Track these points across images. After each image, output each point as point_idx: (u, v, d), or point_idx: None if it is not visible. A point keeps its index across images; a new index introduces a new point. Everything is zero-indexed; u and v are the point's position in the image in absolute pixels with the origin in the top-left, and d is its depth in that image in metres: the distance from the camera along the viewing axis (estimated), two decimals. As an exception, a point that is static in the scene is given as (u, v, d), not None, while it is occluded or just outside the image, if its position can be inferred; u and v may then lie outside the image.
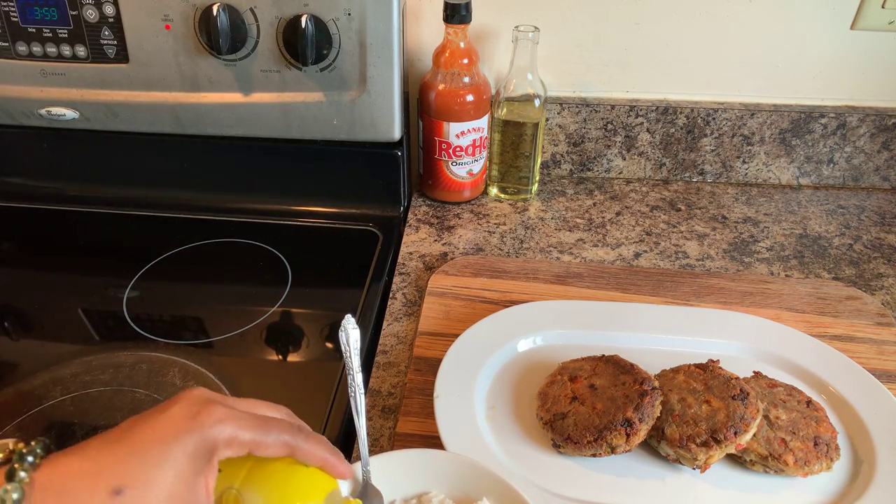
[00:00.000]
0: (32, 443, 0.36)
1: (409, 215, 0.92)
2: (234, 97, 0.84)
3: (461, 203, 0.95)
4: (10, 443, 0.37)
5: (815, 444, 0.56)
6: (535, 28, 0.83)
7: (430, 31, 0.91)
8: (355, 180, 0.90)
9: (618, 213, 0.94)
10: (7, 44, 0.82)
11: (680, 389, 0.59)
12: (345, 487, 0.47)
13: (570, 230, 0.90)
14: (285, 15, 0.77)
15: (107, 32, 0.80)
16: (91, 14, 0.79)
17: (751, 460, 0.56)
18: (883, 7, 0.88)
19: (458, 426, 0.59)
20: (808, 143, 0.97)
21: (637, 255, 0.86)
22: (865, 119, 0.94)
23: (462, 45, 0.84)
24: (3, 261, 0.86)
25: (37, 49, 0.82)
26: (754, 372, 0.64)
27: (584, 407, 0.59)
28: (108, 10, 0.79)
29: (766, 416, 0.58)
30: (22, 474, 0.34)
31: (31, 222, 0.91)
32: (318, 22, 0.77)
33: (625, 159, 1.00)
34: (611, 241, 0.88)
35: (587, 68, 0.95)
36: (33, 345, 0.73)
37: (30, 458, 0.35)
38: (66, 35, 0.81)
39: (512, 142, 0.91)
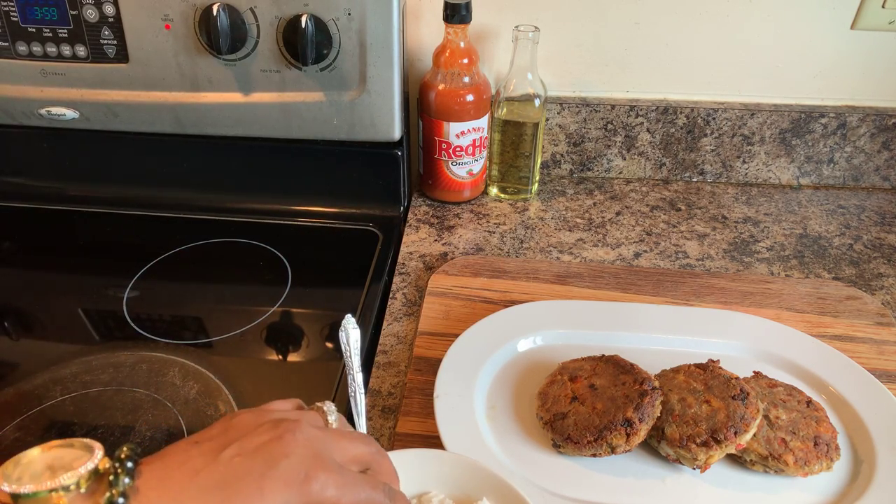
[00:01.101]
0: (119, 469, 0.33)
1: (409, 215, 0.92)
2: (234, 97, 0.84)
3: (461, 203, 0.95)
4: (97, 460, 0.34)
5: (815, 444, 0.56)
6: (535, 28, 0.83)
7: (430, 31, 0.91)
8: (355, 180, 0.90)
9: (618, 213, 0.94)
10: (7, 44, 0.82)
11: (680, 389, 0.59)
12: None
13: (570, 230, 0.90)
14: (285, 15, 0.77)
15: (107, 32, 0.80)
16: (91, 14, 0.79)
17: (751, 460, 0.56)
18: (883, 7, 0.88)
19: (458, 426, 0.59)
20: (809, 142, 0.97)
21: (637, 255, 0.86)
22: (865, 119, 0.94)
23: (462, 44, 0.84)
24: (3, 261, 0.86)
25: (37, 49, 0.82)
26: (754, 372, 0.64)
27: (584, 407, 0.59)
28: (108, 9, 0.79)
29: (766, 416, 0.58)
30: None
31: (31, 222, 0.91)
32: (318, 22, 0.77)
33: (625, 159, 1.00)
34: (611, 240, 0.88)
35: (587, 68, 0.95)
36: (33, 345, 0.73)
37: (121, 500, 0.33)
38: (66, 35, 0.81)
39: (512, 142, 0.91)
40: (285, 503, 0.36)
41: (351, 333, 0.50)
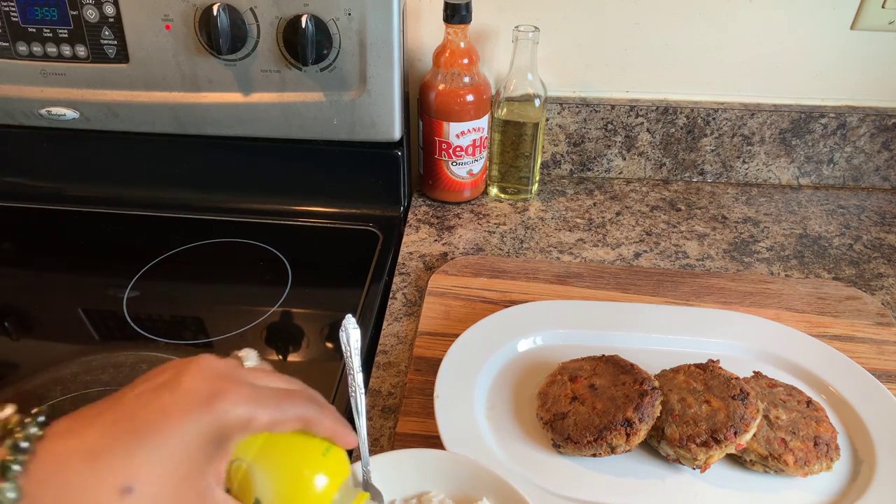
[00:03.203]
0: (27, 420, 0.34)
1: (409, 215, 0.92)
2: (234, 97, 0.84)
3: (461, 203, 0.95)
4: (7, 414, 0.34)
5: (815, 444, 0.56)
6: (535, 28, 0.83)
7: (430, 31, 0.91)
8: (355, 180, 0.90)
9: (618, 213, 0.94)
10: (7, 44, 0.82)
11: (680, 389, 0.59)
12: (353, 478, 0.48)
13: (570, 230, 0.90)
14: (285, 15, 0.77)
15: (107, 32, 0.80)
16: (91, 14, 0.79)
17: (751, 460, 0.56)
18: (883, 7, 0.88)
19: (458, 426, 0.59)
20: (808, 143, 0.97)
21: (637, 255, 0.86)
22: (865, 119, 0.94)
23: (462, 45, 0.84)
24: (3, 261, 0.86)
25: (37, 49, 0.82)
26: (754, 372, 0.64)
27: (584, 407, 0.59)
28: (108, 10, 0.79)
29: (766, 416, 0.58)
30: (16, 468, 0.31)
31: (31, 222, 0.91)
32: (318, 22, 0.77)
33: (625, 159, 1.00)
34: (611, 241, 0.88)
35: (587, 68, 0.95)
36: (33, 345, 0.73)
37: (24, 444, 0.32)
38: (66, 35, 0.81)
39: (512, 142, 0.91)
40: (195, 426, 0.34)
41: (351, 333, 0.50)
